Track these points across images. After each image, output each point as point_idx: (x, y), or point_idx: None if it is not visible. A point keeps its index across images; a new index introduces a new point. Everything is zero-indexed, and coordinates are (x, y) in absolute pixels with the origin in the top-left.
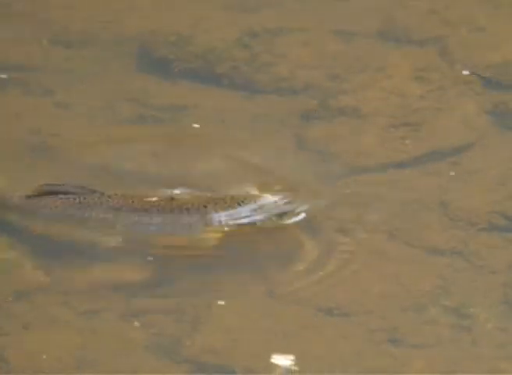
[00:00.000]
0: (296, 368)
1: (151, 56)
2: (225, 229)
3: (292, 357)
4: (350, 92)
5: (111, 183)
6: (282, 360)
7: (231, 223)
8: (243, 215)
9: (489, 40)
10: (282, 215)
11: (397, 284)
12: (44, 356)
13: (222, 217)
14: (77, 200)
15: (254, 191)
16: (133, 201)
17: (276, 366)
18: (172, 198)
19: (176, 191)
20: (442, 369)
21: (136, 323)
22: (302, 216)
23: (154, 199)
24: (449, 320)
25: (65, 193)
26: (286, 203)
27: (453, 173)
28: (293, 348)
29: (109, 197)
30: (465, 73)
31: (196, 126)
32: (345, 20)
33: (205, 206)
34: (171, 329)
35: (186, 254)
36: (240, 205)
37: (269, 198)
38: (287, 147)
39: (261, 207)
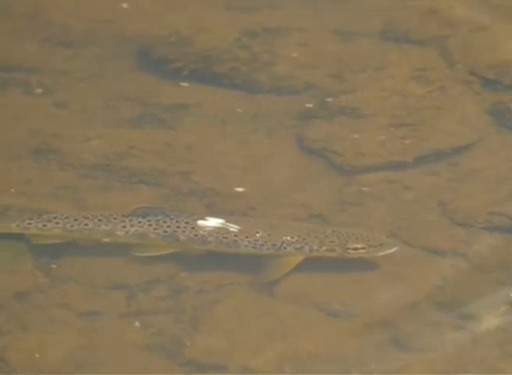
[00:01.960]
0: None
1: (151, 56)
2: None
3: None
4: (350, 92)
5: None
6: None
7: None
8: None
9: (489, 40)
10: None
11: (397, 284)
12: (44, 356)
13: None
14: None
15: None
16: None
17: None
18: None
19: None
20: (443, 369)
21: (137, 323)
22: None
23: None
24: (448, 320)
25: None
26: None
27: (452, 173)
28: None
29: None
30: (465, 73)
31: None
32: (345, 20)
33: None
34: (171, 329)
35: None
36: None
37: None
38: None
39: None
